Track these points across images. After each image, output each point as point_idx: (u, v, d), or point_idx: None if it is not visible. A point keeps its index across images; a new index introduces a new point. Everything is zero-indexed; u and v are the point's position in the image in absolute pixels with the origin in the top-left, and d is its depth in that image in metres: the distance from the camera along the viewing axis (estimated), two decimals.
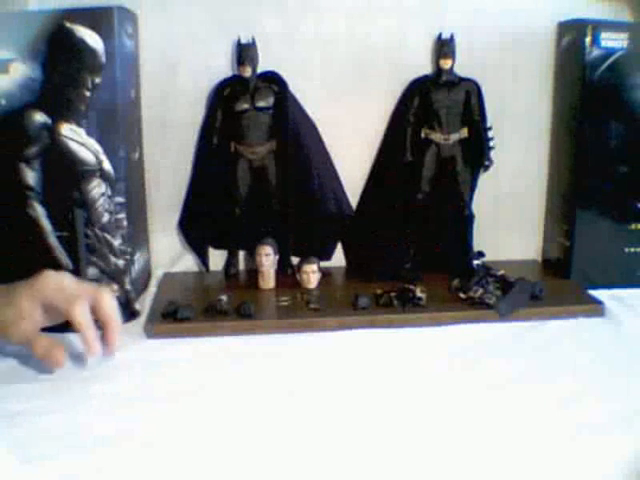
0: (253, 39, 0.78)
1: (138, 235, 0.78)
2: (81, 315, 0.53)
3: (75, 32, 0.67)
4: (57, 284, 0.55)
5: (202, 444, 0.47)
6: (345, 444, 0.47)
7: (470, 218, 0.83)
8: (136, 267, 0.75)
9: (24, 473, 0.43)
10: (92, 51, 0.67)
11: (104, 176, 0.69)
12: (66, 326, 0.55)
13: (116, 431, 0.48)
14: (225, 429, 0.49)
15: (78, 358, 0.59)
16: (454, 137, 0.80)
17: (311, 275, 0.77)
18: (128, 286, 0.72)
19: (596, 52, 0.77)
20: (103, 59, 0.68)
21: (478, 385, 0.56)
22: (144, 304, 0.74)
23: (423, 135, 0.81)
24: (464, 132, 0.81)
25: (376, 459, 0.45)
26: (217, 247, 0.85)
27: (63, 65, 0.67)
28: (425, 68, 0.83)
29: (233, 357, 0.62)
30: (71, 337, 0.60)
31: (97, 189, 0.69)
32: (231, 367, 0.60)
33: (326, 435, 0.48)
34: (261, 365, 0.60)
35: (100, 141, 0.69)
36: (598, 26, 0.77)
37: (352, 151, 0.85)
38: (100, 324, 0.56)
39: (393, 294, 0.72)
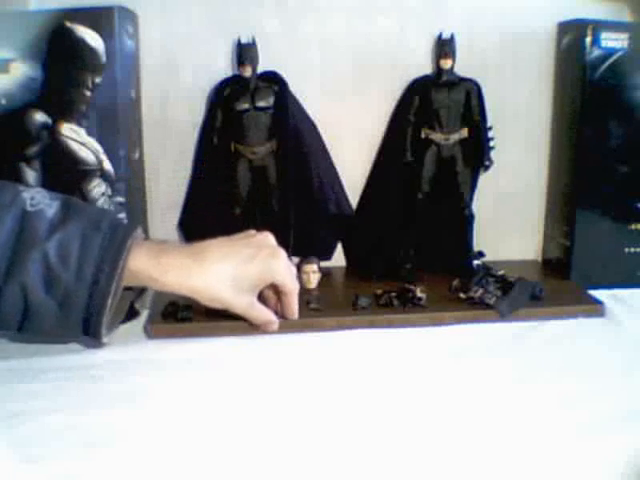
0: (253, 39, 0.78)
1: None
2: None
3: (75, 32, 0.67)
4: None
5: (202, 444, 0.47)
6: (345, 444, 0.47)
7: (470, 218, 0.83)
8: None
9: (24, 473, 0.43)
10: (92, 51, 0.67)
11: (104, 176, 0.70)
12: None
13: (116, 431, 0.48)
14: (225, 429, 0.49)
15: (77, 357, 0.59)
16: (454, 137, 0.80)
17: (311, 275, 0.77)
18: None
19: (596, 52, 0.77)
20: (103, 59, 0.68)
21: (478, 385, 0.56)
22: (144, 304, 0.74)
23: (423, 135, 0.81)
24: (464, 132, 0.81)
25: (376, 459, 0.45)
26: None
27: (63, 65, 0.67)
28: (425, 68, 0.83)
29: (233, 357, 0.62)
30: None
31: (97, 189, 0.69)
32: (231, 367, 0.60)
33: (326, 435, 0.48)
34: (261, 365, 0.60)
35: (100, 141, 0.69)
36: (598, 26, 0.77)
37: (352, 151, 0.85)
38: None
39: (393, 294, 0.72)
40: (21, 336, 0.59)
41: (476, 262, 0.81)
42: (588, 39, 0.77)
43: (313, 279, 0.78)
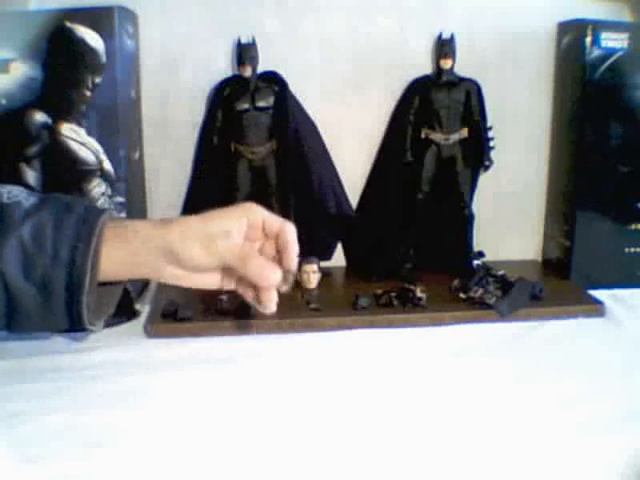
0: (253, 39, 0.78)
1: None
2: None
3: (75, 32, 0.67)
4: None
5: (202, 444, 0.47)
6: (345, 443, 0.47)
7: (470, 218, 0.83)
8: None
9: (24, 473, 0.43)
10: (92, 51, 0.67)
11: (104, 176, 0.69)
12: None
13: (116, 431, 0.48)
14: (225, 429, 0.49)
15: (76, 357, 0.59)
16: (454, 137, 0.80)
17: (311, 275, 0.77)
18: (128, 286, 0.72)
19: (596, 52, 0.77)
20: (103, 59, 0.68)
21: (478, 385, 0.56)
22: (144, 304, 0.74)
23: (423, 135, 0.81)
24: (464, 132, 0.81)
25: (377, 458, 0.45)
26: None
27: (63, 65, 0.67)
28: (425, 68, 0.83)
29: (233, 357, 0.62)
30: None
31: (97, 189, 0.69)
32: (231, 367, 0.60)
33: (326, 435, 0.48)
34: (261, 365, 0.60)
35: (100, 141, 0.69)
36: (598, 26, 0.77)
37: (352, 151, 0.85)
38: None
39: (393, 294, 0.72)
40: (13, 335, 0.59)
41: (476, 262, 0.81)
42: (588, 39, 0.77)
43: (313, 279, 0.78)
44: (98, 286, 0.51)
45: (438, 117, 0.80)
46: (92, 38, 0.67)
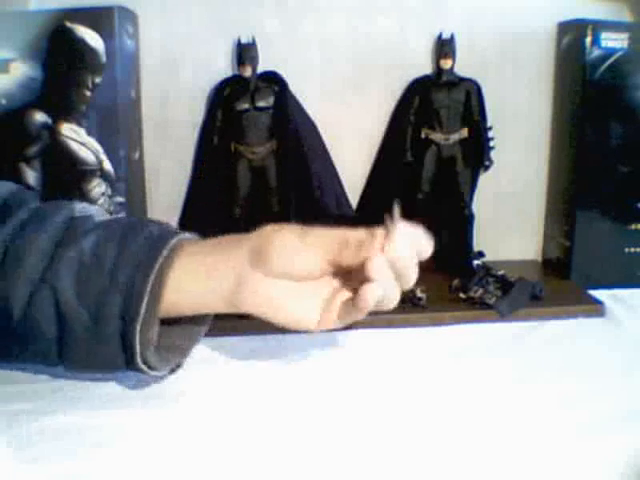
0: (253, 39, 0.78)
1: None
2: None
3: (75, 32, 0.67)
4: None
5: (202, 444, 0.47)
6: (345, 444, 0.47)
7: (470, 218, 0.83)
8: None
9: (24, 473, 0.43)
10: (92, 51, 0.67)
11: (104, 176, 0.70)
12: None
13: (116, 431, 0.48)
14: (225, 429, 0.49)
15: None
16: (454, 137, 0.80)
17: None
18: None
19: (596, 52, 0.77)
20: (103, 59, 0.68)
21: (478, 385, 0.56)
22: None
23: (423, 135, 0.81)
24: (464, 132, 0.81)
25: (376, 459, 0.45)
26: None
27: (63, 65, 0.67)
28: (425, 68, 0.83)
29: (233, 357, 0.62)
30: None
31: (97, 189, 0.69)
32: (231, 367, 0.60)
33: (326, 435, 0.48)
34: (261, 365, 0.60)
35: (100, 141, 0.69)
36: (598, 26, 0.77)
37: (352, 151, 0.85)
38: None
39: None
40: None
41: (476, 262, 0.81)
42: (588, 39, 0.77)
43: None
44: (173, 325, 0.46)
45: (438, 117, 0.80)
46: (92, 38, 0.67)
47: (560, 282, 0.82)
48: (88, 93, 0.68)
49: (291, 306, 0.43)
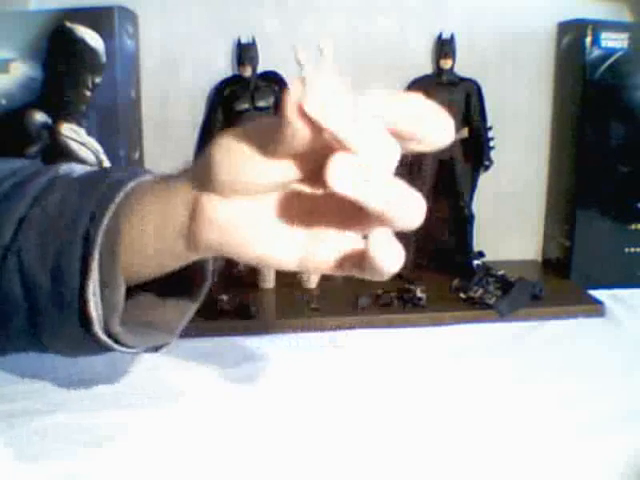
0: (253, 39, 0.78)
1: None
2: None
3: (75, 32, 0.67)
4: None
5: (201, 444, 0.47)
6: (344, 444, 0.47)
7: (470, 218, 0.83)
8: None
9: (24, 473, 0.43)
10: (92, 51, 0.67)
11: None
12: None
13: (115, 431, 0.48)
14: (225, 429, 0.49)
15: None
16: (454, 137, 0.80)
17: (311, 275, 0.77)
18: None
19: (596, 52, 0.77)
20: (103, 59, 0.68)
21: (478, 385, 0.56)
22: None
23: None
24: (464, 132, 0.81)
25: (376, 459, 0.45)
26: None
27: (63, 65, 0.67)
28: (425, 68, 0.83)
29: (233, 357, 0.62)
30: None
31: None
32: (231, 367, 0.60)
33: (325, 436, 0.48)
34: (261, 365, 0.60)
35: (100, 141, 0.69)
36: (598, 26, 0.77)
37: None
38: None
39: (393, 294, 0.72)
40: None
41: (476, 262, 0.81)
42: (588, 39, 0.77)
43: (313, 279, 0.78)
44: (160, 298, 0.40)
45: None
46: (92, 38, 0.67)
47: (560, 282, 0.82)
48: (88, 93, 0.68)
49: (262, 235, 0.32)
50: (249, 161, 0.30)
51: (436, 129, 0.29)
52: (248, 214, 0.31)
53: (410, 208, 0.27)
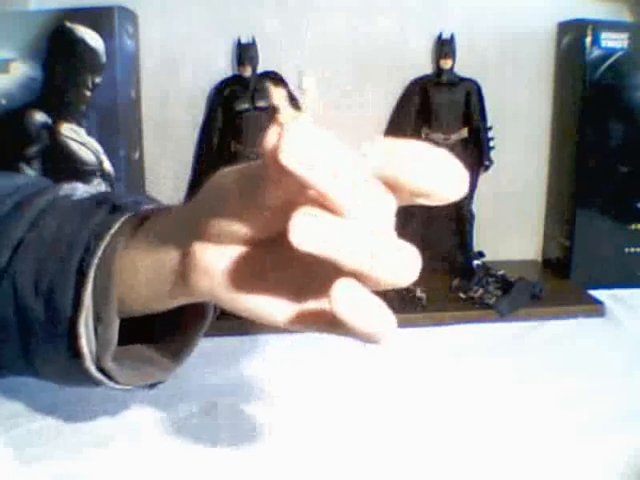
0: (253, 39, 0.78)
1: None
2: None
3: (75, 32, 0.67)
4: None
5: (201, 444, 0.47)
6: (344, 444, 0.47)
7: (470, 218, 0.83)
8: None
9: (24, 473, 0.43)
10: (92, 51, 0.67)
11: (104, 176, 0.70)
12: None
13: (115, 431, 0.48)
14: (225, 429, 0.49)
15: None
16: (454, 137, 0.80)
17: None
18: None
19: (596, 52, 0.77)
20: (103, 59, 0.68)
21: (478, 385, 0.56)
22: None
23: (423, 135, 0.81)
24: (464, 132, 0.81)
25: (375, 459, 0.45)
26: None
27: (63, 65, 0.67)
28: (425, 68, 0.83)
29: (233, 357, 0.62)
30: None
31: (97, 189, 0.69)
32: (231, 367, 0.60)
33: (325, 436, 0.48)
34: (261, 365, 0.60)
35: (100, 141, 0.69)
36: (598, 26, 0.77)
37: (352, 151, 0.85)
38: None
39: (393, 294, 0.72)
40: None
41: (476, 262, 0.81)
42: (588, 39, 0.77)
43: None
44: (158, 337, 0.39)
45: (438, 117, 0.80)
46: (92, 38, 0.67)
47: (560, 282, 0.82)
48: (88, 93, 0.68)
49: (252, 287, 0.30)
50: (235, 209, 0.28)
51: (445, 183, 0.26)
52: (240, 264, 0.30)
53: (396, 267, 0.25)
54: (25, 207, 0.39)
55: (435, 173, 0.25)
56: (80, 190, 0.41)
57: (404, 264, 0.25)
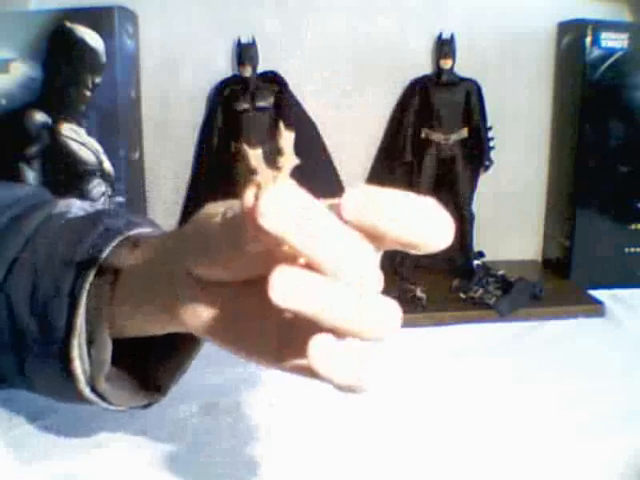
0: (253, 39, 0.78)
1: None
2: None
3: (75, 32, 0.67)
4: None
5: (201, 444, 0.47)
6: (344, 444, 0.47)
7: (470, 218, 0.83)
8: None
9: (24, 473, 0.43)
10: (92, 51, 0.67)
11: (104, 176, 0.70)
12: None
13: (115, 431, 0.48)
14: (225, 429, 0.49)
15: None
16: (454, 137, 0.80)
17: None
18: None
19: (596, 52, 0.77)
20: (103, 59, 0.68)
21: (478, 385, 0.56)
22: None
23: (423, 135, 0.81)
24: (464, 132, 0.81)
25: (375, 459, 0.45)
26: None
27: (63, 65, 0.67)
28: (425, 68, 0.83)
29: (233, 357, 0.62)
30: None
31: (97, 189, 0.69)
32: (231, 367, 0.60)
33: (325, 436, 0.48)
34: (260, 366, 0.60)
35: (100, 141, 0.69)
36: (598, 26, 0.77)
37: (352, 151, 0.85)
38: None
39: (393, 294, 0.72)
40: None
41: (476, 262, 0.81)
42: (588, 39, 0.77)
43: None
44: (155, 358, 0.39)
45: (438, 117, 0.80)
46: (92, 38, 0.67)
47: (560, 282, 0.82)
48: (88, 93, 0.68)
49: (240, 329, 0.31)
50: (219, 253, 0.28)
51: (430, 234, 0.25)
52: (226, 305, 0.30)
53: (375, 324, 0.25)
54: (22, 222, 0.39)
55: (417, 225, 0.25)
56: (75, 207, 0.41)
57: (383, 321, 0.25)
